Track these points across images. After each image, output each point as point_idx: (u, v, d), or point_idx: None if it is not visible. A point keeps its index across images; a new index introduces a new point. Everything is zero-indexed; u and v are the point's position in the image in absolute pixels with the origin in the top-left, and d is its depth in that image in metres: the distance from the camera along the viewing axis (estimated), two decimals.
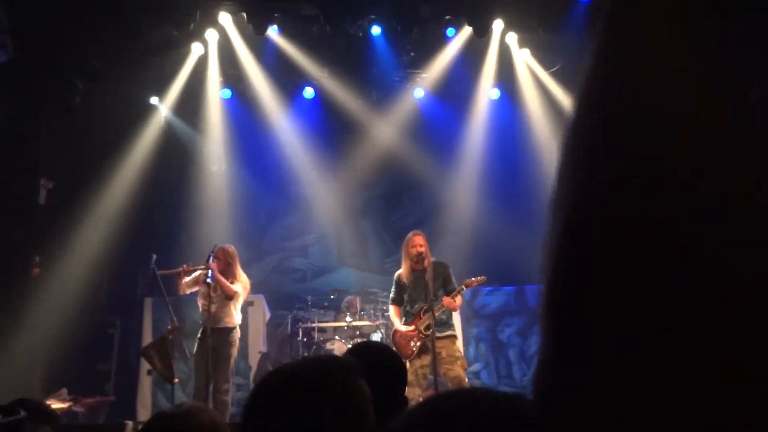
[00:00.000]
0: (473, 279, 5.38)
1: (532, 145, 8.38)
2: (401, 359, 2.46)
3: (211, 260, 5.66)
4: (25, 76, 6.45)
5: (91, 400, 6.48)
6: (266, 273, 8.77)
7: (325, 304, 7.83)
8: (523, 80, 8.31)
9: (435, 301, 5.18)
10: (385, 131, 8.80)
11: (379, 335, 7.04)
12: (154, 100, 8.24)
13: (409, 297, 5.37)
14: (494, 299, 7.91)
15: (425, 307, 5.18)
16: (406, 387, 2.23)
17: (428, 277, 5.22)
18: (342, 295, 7.83)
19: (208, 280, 5.53)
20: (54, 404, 4.68)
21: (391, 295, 5.57)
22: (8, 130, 6.48)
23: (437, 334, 5.08)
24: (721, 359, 0.28)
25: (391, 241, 8.68)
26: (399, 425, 0.66)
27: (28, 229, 6.62)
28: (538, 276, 0.35)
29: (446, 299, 5.22)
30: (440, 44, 8.04)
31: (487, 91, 8.51)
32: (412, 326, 5.27)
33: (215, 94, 8.39)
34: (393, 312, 5.51)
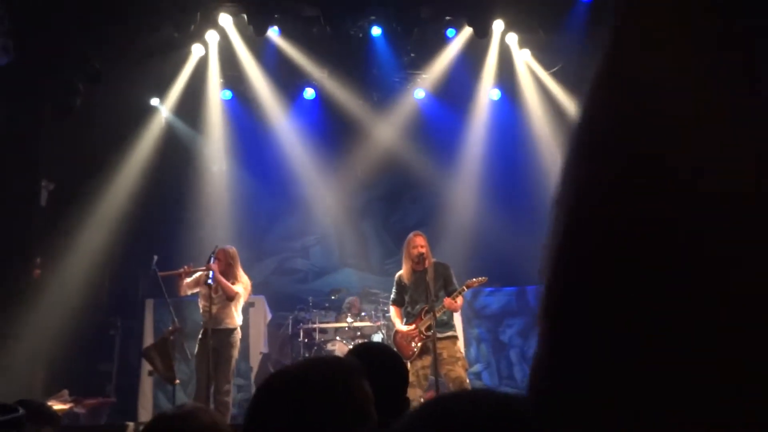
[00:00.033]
0: (474, 280, 5.37)
1: (533, 146, 8.37)
2: (402, 360, 2.46)
3: (212, 261, 5.66)
4: (25, 77, 6.46)
5: (92, 402, 6.47)
6: (267, 274, 8.77)
7: (326, 305, 7.84)
8: (524, 81, 8.31)
9: (436, 301, 5.17)
10: (386, 132, 8.79)
11: (380, 336, 7.03)
12: (154, 101, 8.23)
13: (410, 298, 5.37)
14: (495, 300, 7.91)
15: (426, 308, 5.18)
16: (407, 387, 2.23)
17: (429, 277, 5.21)
18: (343, 296, 7.84)
19: (209, 281, 5.53)
20: (55, 405, 4.68)
21: (392, 295, 5.56)
22: (9, 131, 6.49)
23: (438, 335, 5.07)
24: (721, 359, 0.28)
25: (392, 241, 8.67)
26: (400, 427, 0.66)
27: (29, 231, 6.63)
28: (539, 277, 0.35)
29: (447, 300, 5.21)
30: (440, 45, 8.04)
31: (487, 92, 8.51)
32: (413, 327, 5.27)
33: (216, 95, 8.39)
34: (394, 313, 5.51)
